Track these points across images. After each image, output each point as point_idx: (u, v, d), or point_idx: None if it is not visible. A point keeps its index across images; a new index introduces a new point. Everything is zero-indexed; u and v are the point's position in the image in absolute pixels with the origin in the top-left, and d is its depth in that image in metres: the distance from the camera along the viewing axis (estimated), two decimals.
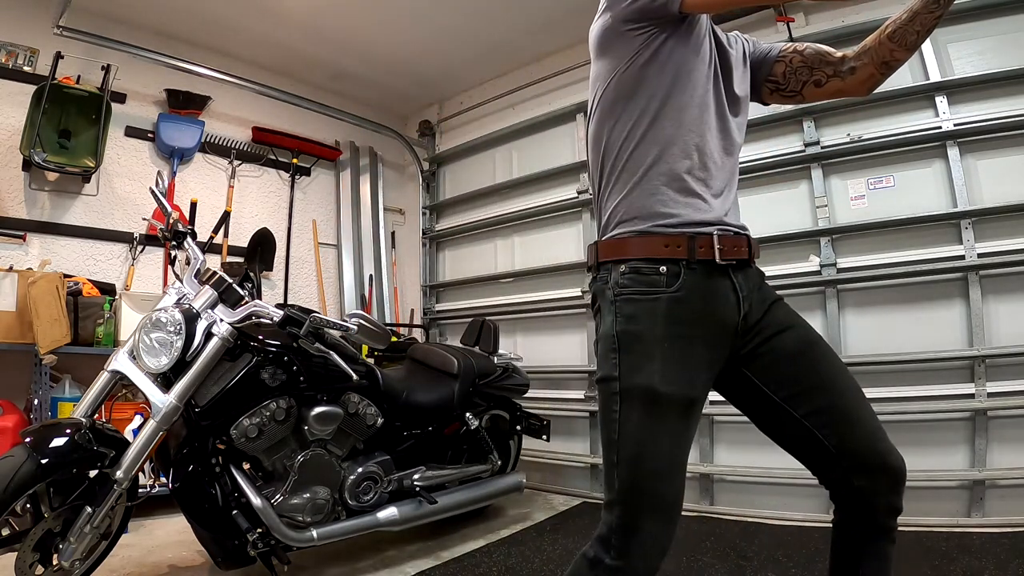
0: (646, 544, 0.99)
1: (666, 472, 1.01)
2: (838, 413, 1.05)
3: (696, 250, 1.04)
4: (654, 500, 1.00)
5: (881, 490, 1.04)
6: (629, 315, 1.04)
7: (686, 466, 1.05)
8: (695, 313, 1.04)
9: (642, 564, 1.00)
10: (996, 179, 2.44)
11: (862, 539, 1.06)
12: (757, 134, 2.96)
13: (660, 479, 1.00)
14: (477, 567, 2.21)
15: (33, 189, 2.99)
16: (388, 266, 4.46)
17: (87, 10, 3.04)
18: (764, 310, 1.12)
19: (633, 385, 1.02)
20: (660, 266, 1.04)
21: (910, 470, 1.08)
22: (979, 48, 2.51)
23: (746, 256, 1.10)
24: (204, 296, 1.84)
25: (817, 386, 1.07)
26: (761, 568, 2.07)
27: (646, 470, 1.00)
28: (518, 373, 2.83)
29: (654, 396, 1.00)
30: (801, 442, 1.09)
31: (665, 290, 1.03)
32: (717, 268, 1.05)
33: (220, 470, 1.86)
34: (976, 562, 1.96)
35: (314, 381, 2.00)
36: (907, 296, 2.57)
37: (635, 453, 1.00)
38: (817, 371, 1.08)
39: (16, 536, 1.56)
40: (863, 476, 1.03)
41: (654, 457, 1.00)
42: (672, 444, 1.02)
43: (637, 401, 1.01)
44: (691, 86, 1.08)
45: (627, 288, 1.05)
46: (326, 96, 4.09)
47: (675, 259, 1.04)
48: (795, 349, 1.10)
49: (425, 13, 3.37)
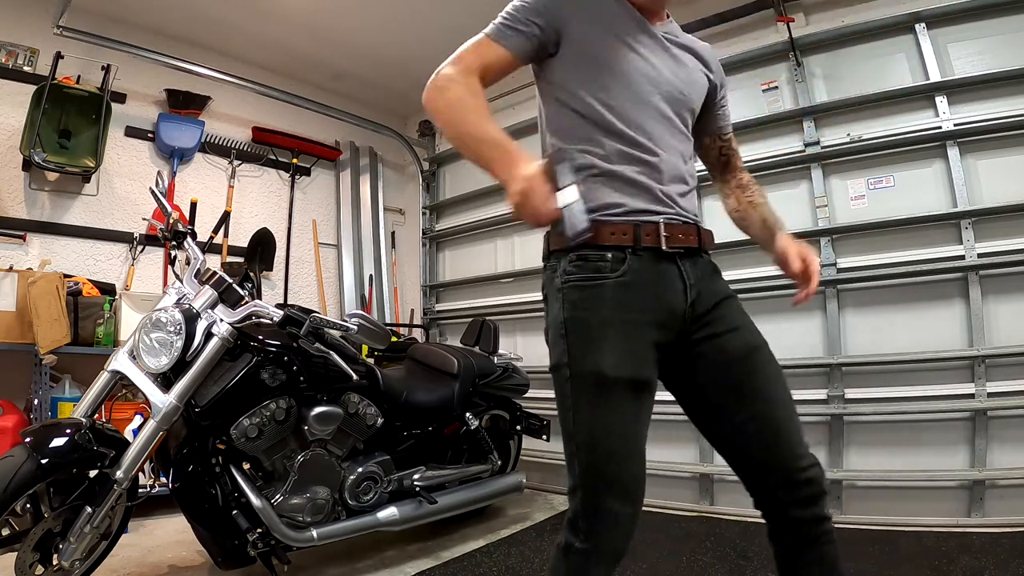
0: (611, 525, 1.02)
1: (623, 454, 1.03)
2: (766, 424, 1.06)
3: (642, 237, 1.06)
4: (613, 481, 1.02)
5: (802, 502, 1.04)
6: (575, 302, 1.06)
7: (643, 447, 1.06)
8: (641, 297, 1.05)
9: (609, 545, 1.03)
10: (996, 179, 2.44)
11: (796, 549, 1.06)
12: (757, 134, 2.97)
13: (617, 461, 1.02)
14: (477, 567, 2.21)
15: (33, 189, 2.99)
16: (388, 266, 4.46)
17: (87, 10, 3.04)
18: (714, 302, 1.12)
19: (582, 370, 1.03)
20: (606, 252, 1.05)
21: (910, 470, 1.08)
22: (979, 48, 2.51)
23: (695, 245, 1.11)
24: (204, 296, 1.84)
25: (750, 394, 1.08)
26: (761, 568, 2.07)
27: (602, 453, 1.02)
28: (518, 373, 2.83)
29: (603, 380, 1.02)
30: (730, 447, 1.11)
31: (610, 275, 1.05)
32: (664, 255, 1.07)
33: (220, 470, 1.86)
34: (976, 562, 1.96)
35: (314, 381, 2.00)
36: (907, 296, 2.57)
37: (590, 437, 1.03)
38: (754, 378, 1.08)
39: (16, 536, 1.56)
40: (784, 489, 1.05)
41: (609, 439, 1.02)
42: (625, 426, 1.03)
43: (588, 386, 1.03)
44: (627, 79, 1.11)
45: (573, 276, 1.07)
46: (326, 96, 4.09)
47: (620, 246, 1.06)
48: (739, 353, 1.10)
49: (425, 13, 3.37)
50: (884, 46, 2.71)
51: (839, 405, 2.63)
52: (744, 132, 3.01)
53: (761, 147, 2.96)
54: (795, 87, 2.88)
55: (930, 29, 2.59)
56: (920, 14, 2.58)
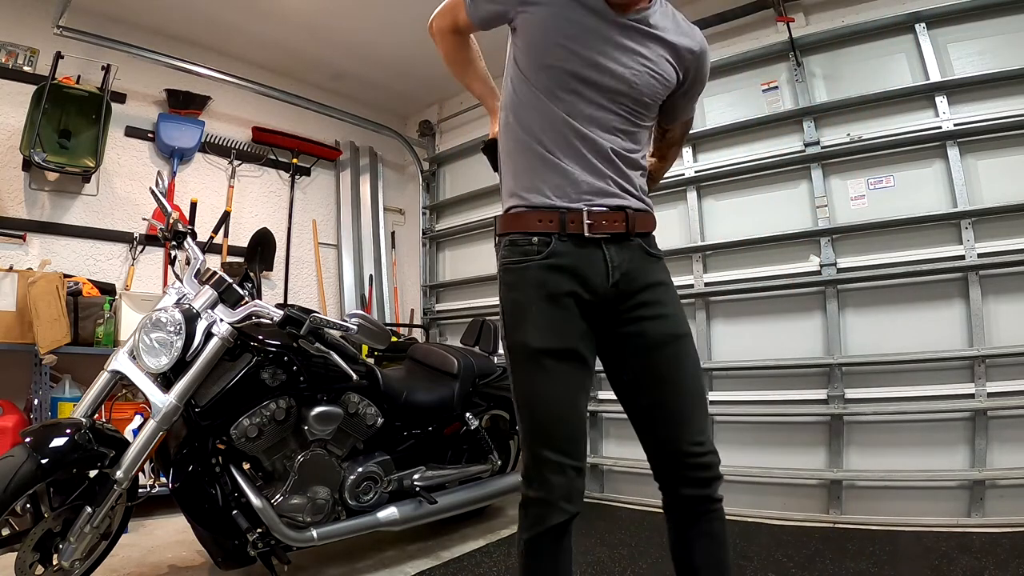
0: (556, 471, 1.12)
1: (555, 414, 1.14)
2: (671, 409, 1.17)
3: (567, 224, 1.14)
4: (551, 437, 1.14)
5: (694, 483, 1.16)
6: (509, 283, 1.19)
7: (580, 410, 1.18)
8: (563, 277, 1.14)
9: (560, 492, 1.12)
10: (996, 179, 2.44)
11: (685, 523, 1.19)
12: (757, 134, 2.97)
13: (551, 418, 1.14)
14: (477, 567, 2.21)
15: (33, 189, 2.99)
16: (388, 266, 4.46)
17: (87, 10, 3.04)
18: (643, 286, 1.19)
19: (514, 342, 1.18)
20: (532, 237, 1.16)
21: (910, 470, 1.10)
22: (979, 48, 2.51)
23: (622, 230, 1.17)
24: (204, 296, 1.84)
25: (660, 379, 1.18)
26: (761, 568, 2.07)
27: (539, 412, 1.16)
28: None
29: (528, 351, 1.15)
30: (638, 423, 1.22)
31: (535, 258, 1.15)
32: (588, 240, 1.15)
33: (220, 470, 1.86)
34: (976, 562, 1.96)
35: (314, 381, 2.00)
36: (907, 296, 2.57)
37: (526, 399, 1.18)
38: (668, 366, 1.18)
39: (16, 536, 1.56)
40: (680, 469, 1.17)
41: (542, 401, 1.15)
42: (556, 389, 1.14)
43: (519, 355, 1.17)
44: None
45: (507, 259, 1.20)
46: (326, 96, 4.09)
47: (546, 232, 1.15)
48: (659, 339, 1.18)
49: (425, 13, 3.35)
50: (884, 46, 2.71)
51: (839, 405, 2.63)
52: (744, 132, 3.02)
53: (761, 147, 2.96)
54: (795, 87, 2.88)
55: (930, 29, 2.59)
56: (920, 14, 2.58)
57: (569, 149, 1.15)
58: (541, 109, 1.16)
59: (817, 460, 2.69)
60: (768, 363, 2.81)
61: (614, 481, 3.25)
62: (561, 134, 1.15)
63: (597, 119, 1.16)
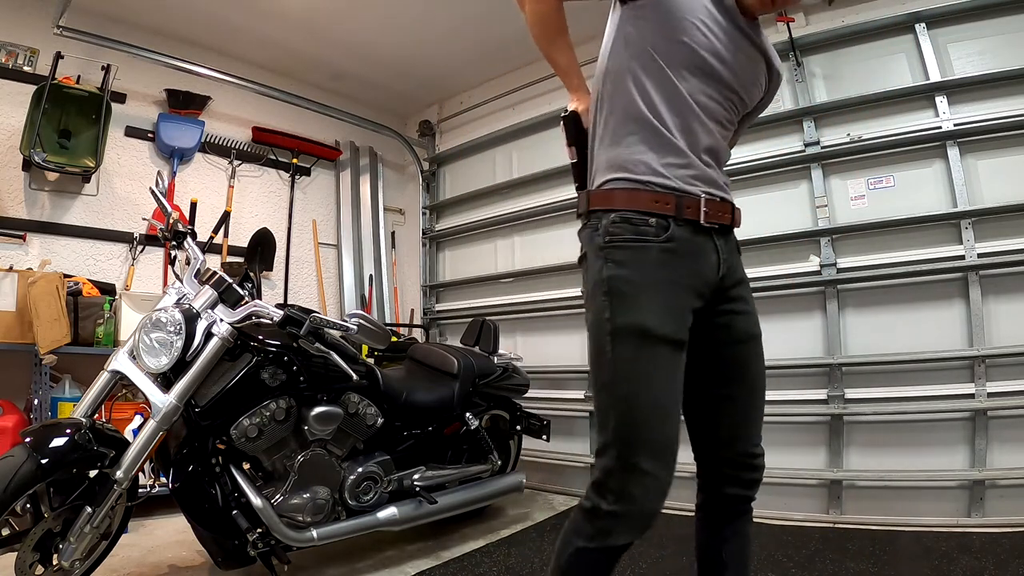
0: (645, 484, 1.00)
1: (661, 410, 1.03)
2: (741, 407, 1.16)
3: (684, 209, 1.08)
4: (651, 438, 1.01)
5: (742, 483, 1.17)
6: (619, 260, 1.07)
7: (679, 411, 1.11)
8: (681, 264, 1.08)
9: (639, 507, 1.01)
10: (996, 179, 2.44)
11: (721, 522, 1.19)
12: (757, 134, 2.97)
13: (656, 417, 1.02)
14: (477, 567, 2.21)
15: (33, 189, 2.99)
16: (388, 266, 4.46)
17: (87, 10, 3.04)
18: (736, 280, 1.19)
19: (626, 324, 1.04)
20: (649, 218, 1.07)
21: (910, 470, 1.11)
22: (979, 48, 2.51)
23: (729, 222, 1.15)
24: (204, 296, 1.84)
25: (738, 376, 1.17)
26: (761, 568, 2.07)
27: (642, 407, 1.02)
28: (518, 373, 2.83)
29: (646, 334, 1.03)
30: (700, 414, 1.19)
31: (654, 240, 1.07)
32: (701, 228, 1.10)
33: (220, 470, 1.86)
34: (976, 562, 1.96)
35: (314, 381, 2.00)
36: (907, 296, 2.57)
37: (630, 391, 1.03)
38: (746, 364, 1.18)
39: (16, 536, 1.56)
40: (732, 467, 1.17)
41: (649, 394, 1.03)
42: (665, 383, 1.05)
43: (630, 339, 1.04)
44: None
45: (618, 236, 1.08)
46: (326, 96, 4.09)
47: (664, 214, 1.08)
48: (742, 335, 1.18)
49: (425, 13, 3.37)
50: (884, 46, 2.71)
51: (839, 405, 2.63)
52: (744, 132, 3.01)
53: (761, 147, 2.96)
54: (795, 87, 2.88)
55: (930, 29, 2.59)
56: (920, 14, 2.58)
57: (688, 130, 1.09)
58: (665, 84, 1.08)
59: (817, 460, 2.69)
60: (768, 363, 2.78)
61: None
62: (682, 114, 1.09)
63: (710, 108, 1.12)
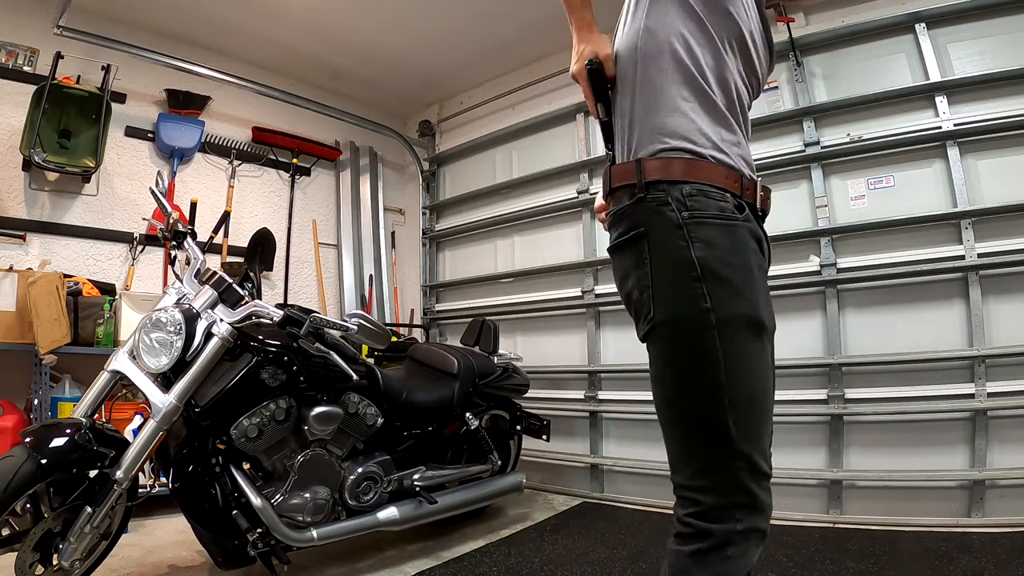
0: (768, 488, 0.90)
1: (771, 406, 0.94)
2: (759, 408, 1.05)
3: (745, 191, 0.99)
4: (762, 439, 0.91)
5: None
6: (707, 240, 0.92)
7: None
8: (758, 249, 0.99)
9: (766, 517, 0.90)
10: (996, 179, 2.44)
11: None
12: (757, 134, 2.95)
13: (768, 420, 0.92)
14: (477, 567, 2.21)
15: (33, 189, 2.99)
16: (388, 266, 4.46)
17: (87, 10, 3.04)
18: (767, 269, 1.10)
19: (735, 314, 0.90)
20: (726, 193, 0.96)
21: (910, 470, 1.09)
22: (979, 48, 2.51)
23: (768, 209, 1.08)
24: (204, 296, 1.84)
25: None
26: (761, 568, 2.07)
27: (763, 408, 0.91)
28: (518, 373, 2.83)
29: (760, 326, 0.92)
30: None
31: (738, 217, 0.95)
32: (756, 212, 1.03)
33: (220, 470, 1.86)
34: (976, 562, 1.96)
35: (314, 381, 2.00)
36: (907, 296, 2.57)
37: (753, 389, 0.90)
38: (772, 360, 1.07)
39: (16, 536, 1.56)
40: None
41: (767, 394, 0.93)
42: (770, 379, 0.95)
43: (743, 332, 0.90)
44: None
45: (701, 211, 0.93)
46: (326, 96, 4.09)
47: (735, 193, 0.97)
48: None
49: (425, 13, 3.37)
50: (884, 46, 2.71)
51: (839, 405, 2.63)
52: None
53: (761, 147, 2.96)
54: (795, 87, 2.88)
55: (930, 29, 2.59)
56: (920, 14, 2.58)
57: (734, 106, 1.01)
58: (715, 53, 0.99)
59: (817, 460, 2.69)
60: None
61: (614, 481, 3.24)
62: (731, 88, 1.01)
63: (741, 90, 1.05)
